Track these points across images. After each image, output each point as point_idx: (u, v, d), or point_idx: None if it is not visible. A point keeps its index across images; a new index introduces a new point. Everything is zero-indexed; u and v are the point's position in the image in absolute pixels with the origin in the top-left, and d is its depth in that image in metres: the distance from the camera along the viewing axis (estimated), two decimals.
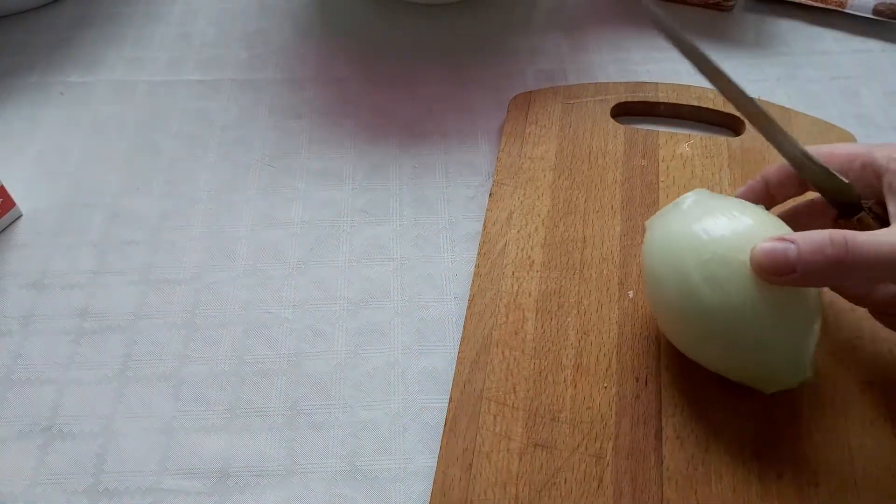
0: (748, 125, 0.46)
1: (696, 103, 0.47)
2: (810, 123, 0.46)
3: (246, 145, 0.48)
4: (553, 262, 0.40)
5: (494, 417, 0.34)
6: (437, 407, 0.36)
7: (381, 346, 0.38)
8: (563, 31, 0.55)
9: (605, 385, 0.35)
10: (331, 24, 0.56)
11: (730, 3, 0.55)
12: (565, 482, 0.32)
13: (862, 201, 0.32)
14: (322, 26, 0.56)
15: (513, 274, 0.39)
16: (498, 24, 0.56)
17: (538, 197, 0.43)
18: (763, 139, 0.46)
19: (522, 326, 0.37)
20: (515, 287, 0.39)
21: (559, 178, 0.43)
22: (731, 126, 0.47)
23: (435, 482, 0.32)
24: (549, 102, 0.48)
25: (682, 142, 0.45)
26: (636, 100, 0.48)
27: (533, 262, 0.40)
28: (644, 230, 0.35)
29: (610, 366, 0.36)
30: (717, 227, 0.31)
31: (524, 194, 0.43)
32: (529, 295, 0.38)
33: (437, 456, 0.33)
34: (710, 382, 0.35)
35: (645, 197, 0.42)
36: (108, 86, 0.52)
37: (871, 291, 0.34)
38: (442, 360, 0.38)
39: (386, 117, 0.49)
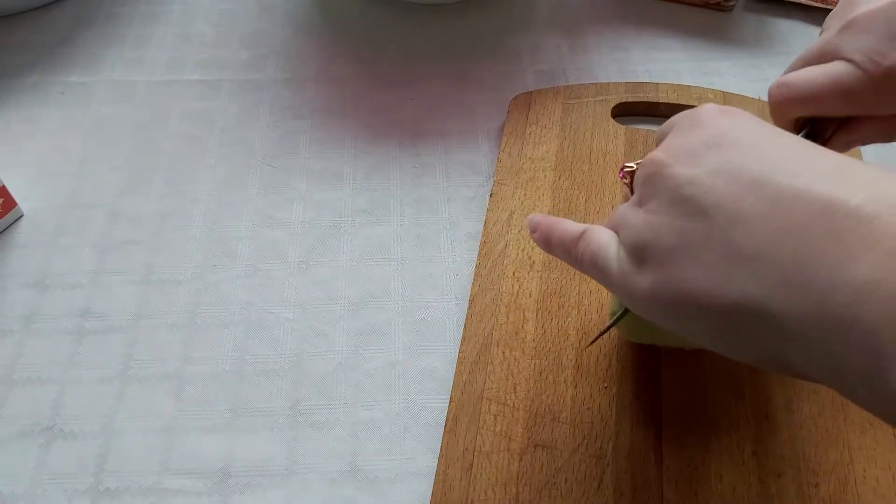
0: None
1: (696, 103, 0.47)
2: None
3: (246, 145, 0.48)
4: (554, 262, 0.40)
5: (495, 417, 0.34)
6: (437, 407, 0.36)
7: (381, 346, 0.38)
8: (563, 31, 0.55)
9: (606, 385, 0.35)
10: (331, 25, 0.56)
11: (730, 4, 0.55)
12: (566, 482, 0.32)
13: None
14: (322, 26, 0.56)
15: (513, 274, 0.39)
16: (498, 25, 0.56)
17: (539, 197, 0.43)
18: None
19: (523, 327, 0.37)
20: (516, 287, 0.39)
21: (560, 178, 0.44)
22: None
23: (435, 482, 0.32)
24: (550, 103, 0.48)
25: None
26: (637, 100, 0.48)
27: (533, 262, 0.40)
28: None
29: (610, 366, 0.36)
30: None
31: (525, 194, 0.43)
32: (530, 295, 0.38)
33: (437, 456, 0.33)
34: (711, 382, 0.35)
35: None
36: (108, 86, 0.52)
37: None
38: (442, 360, 0.38)
39: (386, 117, 0.49)
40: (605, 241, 0.26)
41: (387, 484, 0.34)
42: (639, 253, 0.24)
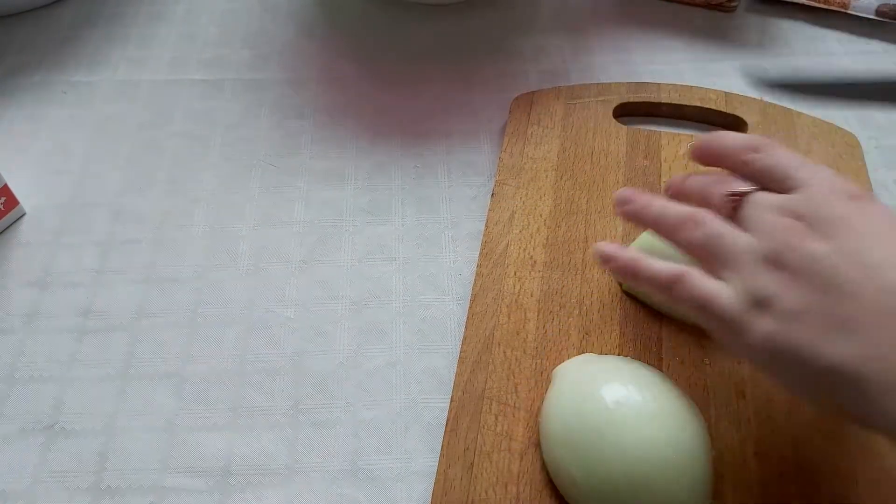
0: (751, 126, 0.46)
1: (698, 104, 0.47)
2: (813, 124, 0.46)
3: (248, 145, 0.48)
4: (555, 262, 0.40)
5: (496, 417, 0.34)
6: (438, 406, 0.36)
7: (382, 346, 0.38)
8: (565, 31, 0.55)
9: None
10: (333, 24, 0.56)
11: (732, 4, 0.55)
12: None
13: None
14: (325, 26, 0.56)
15: (515, 274, 0.39)
16: (501, 25, 0.56)
17: (540, 197, 0.43)
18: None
19: (524, 326, 0.37)
20: (517, 287, 0.39)
21: (561, 178, 0.44)
22: (733, 127, 0.47)
23: (436, 482, 0.32)
24: (552, 103, 0.48)
25: (685, 142, 0.45)
26: (639, 100, 0.48)
27: (535, 262, 0.40)
28: None
29: None
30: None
31: (526, 194, 0.43)
32: (531, 295, 0.38)
33: (438, 455, 0.33)
34: (713, 382, 0.35)
35: None
36: (111, 85, 0.52)
37: None
38: (443, 359, 0.38)
39: (388, 117, 0.49)
40: (711, 288, 0.29)
41: (388, 483, 0.34)
42: (761, 303, 0.27)
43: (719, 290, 0.28)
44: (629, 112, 0.48)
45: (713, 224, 0.30)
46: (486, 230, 0.41)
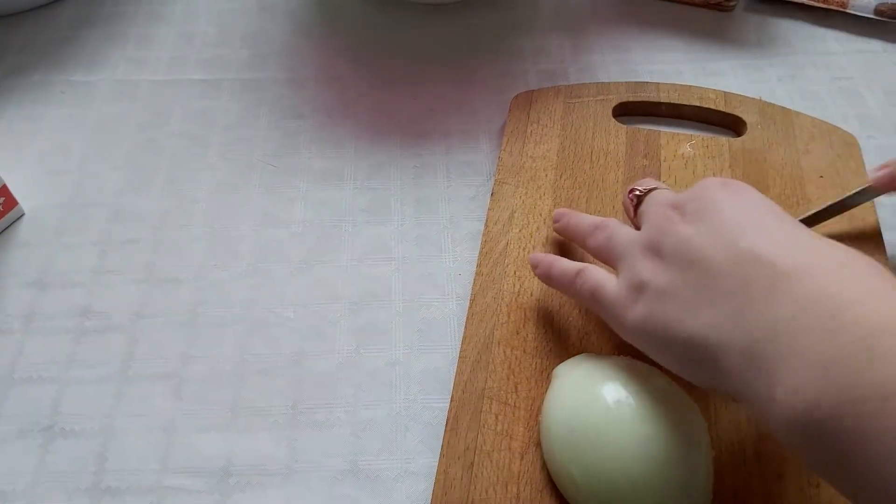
0: (749, 126, 0.46)
1: (697, 103, 0.47)
2: (812, 124, 0.46)
3: (247, 144, 0.48)
4: None
5: (496, 417, 0.34)
6: (438, 406, 0.36)
7: (382, 346, 0.38)
8: (565, 30, 0.55)
9: None
10: (332, 24, 0.56)
11: (731, 4, 0.55)
12: None
13: None
14: (323, 26, 0.56)
15: (514, 273, 0.39)
16: (500, 24, 0.56)
17: (540, 196, 0.43)
18: (764, 140, 0.46)
19: (524, 326, 0.37)
20: (517, 286, 0.39)
21: (561, 177, 0.44)
22: (732, 127, 0.47)
23: (436, 481, 0.32)
24: (551, 102, 0.48)
25: (684, 142, 0.45)
26: (638, 100, 0.48)
27: None
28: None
29: None
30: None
31: (526, 193, 0.43)
32: (531, 294, 0.38)
33: (438, 455, 0.33)
34: None
35: None
36: (110, 85, 0.52)
37: None
38: (443, 359, 0.38)
39: (387, 117, 0.49)
40: (601, 278, 0.32)
41: (388, 483, 0.34)
42: (638, 288, 0.29)
43: (607, 280, 0.31)
44: (628, 111, 0.48)
45: (612, 226, 0.33)
46: (486, 229, 0.41)
